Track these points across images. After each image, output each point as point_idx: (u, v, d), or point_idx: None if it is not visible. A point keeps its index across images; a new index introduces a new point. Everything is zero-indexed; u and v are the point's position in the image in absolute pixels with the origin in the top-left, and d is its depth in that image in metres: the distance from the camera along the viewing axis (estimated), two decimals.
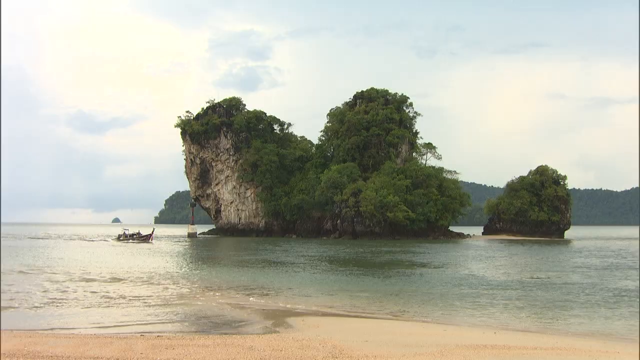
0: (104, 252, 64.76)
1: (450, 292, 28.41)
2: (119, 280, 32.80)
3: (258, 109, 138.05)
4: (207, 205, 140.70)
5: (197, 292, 28.00)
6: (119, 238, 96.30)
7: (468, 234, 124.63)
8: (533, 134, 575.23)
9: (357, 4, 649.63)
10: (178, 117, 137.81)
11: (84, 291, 27.39)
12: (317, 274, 38.39)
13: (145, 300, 24.49)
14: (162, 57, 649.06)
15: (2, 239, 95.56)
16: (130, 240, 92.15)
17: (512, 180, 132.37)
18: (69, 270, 38.32)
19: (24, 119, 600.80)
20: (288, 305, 23.75)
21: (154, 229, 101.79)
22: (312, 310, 22.53)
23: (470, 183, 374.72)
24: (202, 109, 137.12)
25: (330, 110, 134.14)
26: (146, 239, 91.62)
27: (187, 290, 28.79)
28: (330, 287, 30.83)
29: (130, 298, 25.25)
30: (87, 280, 32.22)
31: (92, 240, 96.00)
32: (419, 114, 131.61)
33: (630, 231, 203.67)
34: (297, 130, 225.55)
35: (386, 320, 20.55)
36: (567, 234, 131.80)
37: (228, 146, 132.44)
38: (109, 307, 22.55)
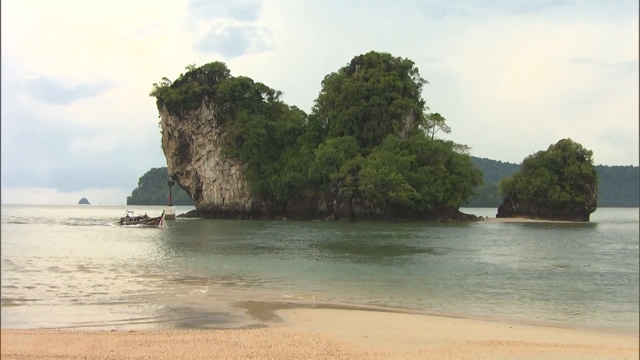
0: (71, 237, 64.70)
1: (460, 282, 28.53)
2: (86, 269, 32.74)
3: (244, 75, 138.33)
4: (186, 184, 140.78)
5: (175, 282, 27.98)
6: (121, 222, 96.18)
7: (480, 217, 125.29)
8: (554, 103, 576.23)
9: None
10: (153, 84, 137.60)
11: (48, 282, 27.34)
12: (311, 261, 38.48)
13: (116, 292, 24.46)
14: (135, 17, 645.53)
15: None
16: (135, 225, 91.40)
17: (530, 155, 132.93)
18: (34, 257, 38.28)
19: None
20: (278, 297, 23.77)
21: (163, 211, 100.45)
22: (304, 302, 22.56)
23: (483, 159, 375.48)
24: (181, 75, 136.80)
25: (325, 77, 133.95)
26: (154, 222, 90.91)
27: (164, 280, 28.76)
28: (325, 275, 30.91)
29: (99, 289, 25.20)
30: (52, 269, 32.17)
31: (91, 225, 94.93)
32: (425, 81, 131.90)
33: None
34: (288, 100, 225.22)
35: (388, 313, 20.59)
36: (593, 216, 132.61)
37: (210, 117, 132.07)
38: (75, 300, 22.51)
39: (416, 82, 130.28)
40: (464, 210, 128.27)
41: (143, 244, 54.75)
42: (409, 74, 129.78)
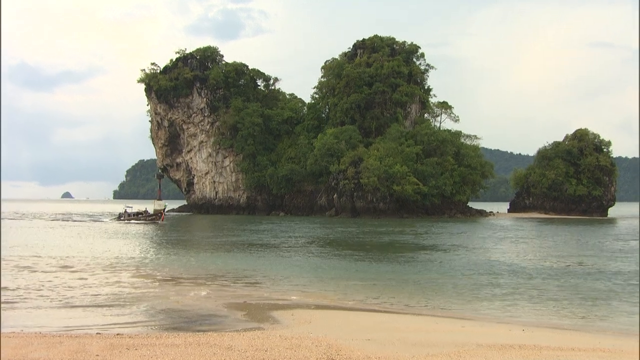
0: (64, 234, 64.72)
1: (469, 281, 28.54)
2: (72, 269, 32.72)
3: (238, 61, 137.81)
4: (177, 177, 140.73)
5: (166, 282, 28.00)
6: (119, 218, 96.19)
7: (491, 212, 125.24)
8: (570, 91, 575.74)
9: None
10: (142, 70, 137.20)
11: (33, 283, 27.32)
12: (310, 259, 38.54)
13: (105, 293, 24.46)
14: None
15: None
16: (134, 221, 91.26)
17: (545, 146, 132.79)
18: (17, 256, 38.25)
19: None
20: (274, 297, 23.78)
21: (165, 205, 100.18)
22: (303, 303, 22.58)
23: (494, 150, 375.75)
24: (171, 60, 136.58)
25: (325, 63, 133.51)
26: (155, 218, 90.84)
27: (154, 280, 28.81)
28: (324, 274, 30.95)
29: (86, 289, 25.20)
30: (33, 271, 32.11)
31: (82, 221, 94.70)
32: (432, 67, 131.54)
33: None
34: (285, 87, 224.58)
35: (392, 314, 20.60)
36: (611, 211, 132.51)
37: (202, 105, 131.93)
38: (61, 302, 22.50)
39: (422, 68, 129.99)
40: (473, 205, 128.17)
41: (132, 241, 54.78)
42: (414, 60, 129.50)
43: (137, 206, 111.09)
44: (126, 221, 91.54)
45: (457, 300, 23.54)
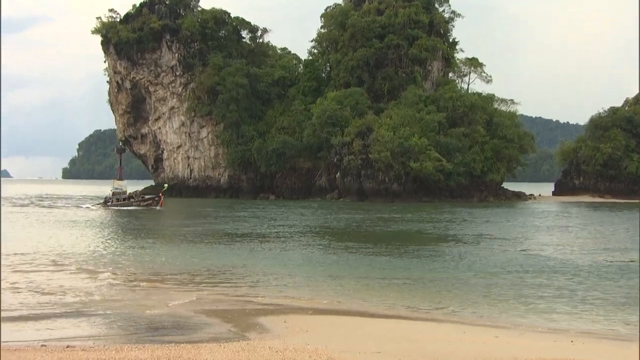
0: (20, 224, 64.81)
1: (503, 281, 28.61)
2: (9, 266, 32.68)
3: (218, 6, 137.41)
4: (142, 152, 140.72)
5: (129, 282, 28.10)
6: (105, 202, 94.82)
7: (531, 194, 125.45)
8: (632, 45, 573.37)
9: None
10: (97, 18, 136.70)
11: None
12: (306, 252, 38.67)
13: (49, 294, 24.47)
14: None
15: None
16: (125, 206, 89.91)
17: (599, 113, 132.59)
18: None
19: None
20: (263, 299, 23.81)
21: (165, 185, 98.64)
22: (298, 306, 22.64)
23: (536, 118, 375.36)
24: (134, 6, 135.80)
25: (326, 10, 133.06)
26: (151, 202, 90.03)
27: (114, 279, 28.92)
28: (324, 272, 31.05)
29: (28, 291, 25.21)
30: None
31: (51, 208, 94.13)
32: (459, 15, 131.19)
33: None
34: (276, 40, 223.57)
35: (408, 320, 20.67)
36: None
37: (173, 63, 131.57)
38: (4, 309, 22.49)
39: (447, 16, 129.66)
40: (509, 185, 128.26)
41: (88, 231, 54.92)
42: (436, 6, 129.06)
43: (90, 188, 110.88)
44: (116, 206, 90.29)
45: (488, 305, 23.58)
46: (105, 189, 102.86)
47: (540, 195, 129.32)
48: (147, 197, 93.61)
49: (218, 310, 21.73)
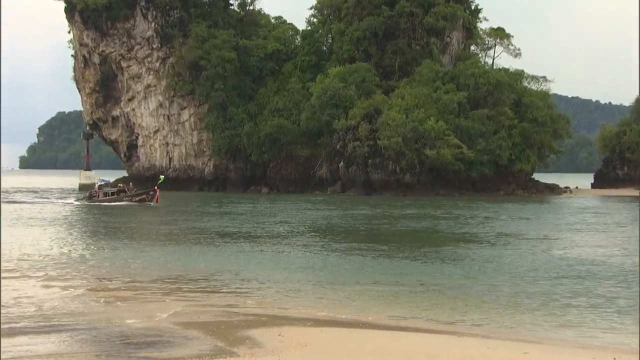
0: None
1: (534, 288, 28.67)
2: None
3: None
4: (113, 137, 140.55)
5: (99, 291, 28.14)
6: (90, 196, 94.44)
7: (567, 187, 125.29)
8: None
9: None
10: None
11: None
12: (304, 255, 38.81)
13: (7, 307, 24.53)
14: None
15: None
16: (114, 201, 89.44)
17: None
18: None
19: None
20: (254, 309, 23.91)
21: (161, 177, 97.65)
22: (295, 316, 22.72)
23: (572, 98, 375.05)
24: None
25: None
26: (145, 197, 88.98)
27: (84, 286, 29.01)
28: (325, 276, 31.17)
29: None
30: None
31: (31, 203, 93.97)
32: None
33: None
34: (269, 7, 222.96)
35: (423, 334, 20.73)
36: None
37: (149, 34, 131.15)
38: None
39: None
40: (540, 177, 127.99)
41: (50, 229, 54.89)
42: None
43: (54, 179, 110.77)
44: (103, 202, 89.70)
45: (516, 316, 23.61)
46: (71, 180, 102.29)
47: (577, 188, 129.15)
48: (141, 191, 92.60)
49: (202, 322, 21.78)
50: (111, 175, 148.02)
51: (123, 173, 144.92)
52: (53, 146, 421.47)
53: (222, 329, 20.63)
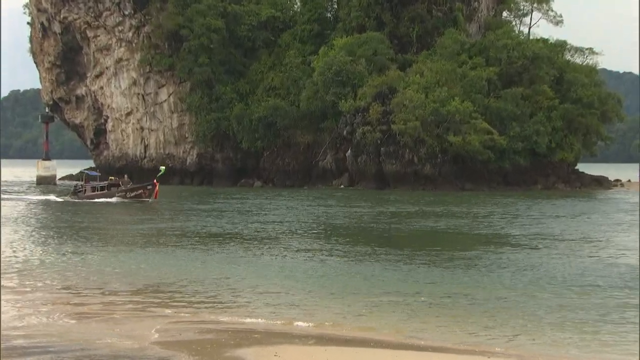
0: None
1: (573, 299, 28.72)
2: None
3: None
4: (77, 121, 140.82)
5: (64, 304, 28.08)
6: (75, 191, 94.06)
7: (617, 180, 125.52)
8: None
9: None
10: None
11: None
12: (305, 261, 38.84)
13: None
14: None
15: None
16: (105, 197, 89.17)
17: None
18: None
19: None
20: (245, 324, 23.89)
21: (161, 168, 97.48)
22: (294, 333, 22.71)
23: (624, 74, 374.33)
24: None
25: None
26: (141, 193, 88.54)
27: (46, 299, 29.00)
28: (330, 286, 31.24)
29: None
30: None
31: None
32: None
33: None
34: None
35: (446, 354, 20.68)
36: None
37: None
38: None
39: None
40: (586, 168, 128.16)
41: (12, 229, 54.95)
42: None
43: (5, 170, 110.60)
44: (91, 198, 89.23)
45: (559, 333, 23.50)
46: (28, 171, 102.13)
47: (629, 181, 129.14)
48: (136, 186, 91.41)
49: (184, 340, 21.82)
50: (75, 167, 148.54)
51: (89, 163, 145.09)
52: (5, 131, 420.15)
53: (207, 349, 20.64)
